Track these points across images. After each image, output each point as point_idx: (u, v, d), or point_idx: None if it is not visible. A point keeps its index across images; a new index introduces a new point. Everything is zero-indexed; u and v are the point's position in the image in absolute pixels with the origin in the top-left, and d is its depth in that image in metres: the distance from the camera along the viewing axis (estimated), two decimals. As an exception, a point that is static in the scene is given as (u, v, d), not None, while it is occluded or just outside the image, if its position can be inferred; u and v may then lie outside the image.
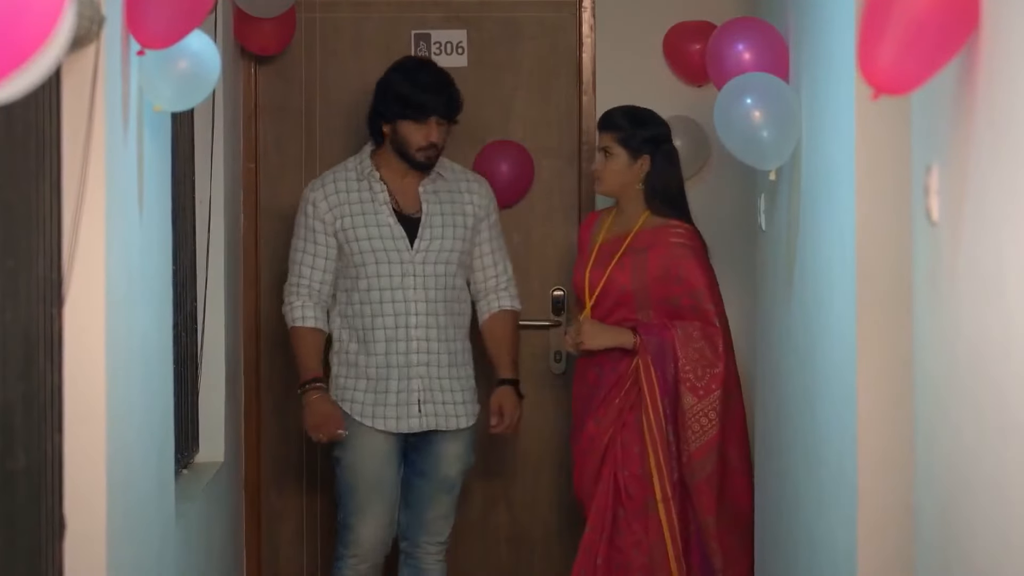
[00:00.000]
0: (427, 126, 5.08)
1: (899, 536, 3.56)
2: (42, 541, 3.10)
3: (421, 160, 5.11)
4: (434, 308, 5.12)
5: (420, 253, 5.12)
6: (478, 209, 5.23)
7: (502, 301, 5.31)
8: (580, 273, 5.18)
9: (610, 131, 5.09)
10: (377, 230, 5.11)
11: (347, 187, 5.15)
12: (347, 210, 5.12)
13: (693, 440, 5.00)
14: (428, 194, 5.17)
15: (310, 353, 5.16)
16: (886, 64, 2.59)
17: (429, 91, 5.07)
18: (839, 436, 3.88)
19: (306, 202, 5.17)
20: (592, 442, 5.06)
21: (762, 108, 4.41)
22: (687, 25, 5.62)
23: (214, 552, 5.04)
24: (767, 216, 5.12)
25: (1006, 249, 2.42)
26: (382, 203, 5.13)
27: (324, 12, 5.80)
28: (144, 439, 3.69)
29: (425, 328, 5.12)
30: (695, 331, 5.02)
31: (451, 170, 5.25)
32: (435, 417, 5.15)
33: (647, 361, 5.01)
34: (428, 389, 5.13)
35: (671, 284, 5.05)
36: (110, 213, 3.26)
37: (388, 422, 5.13)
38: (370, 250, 5.11)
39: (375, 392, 5.12)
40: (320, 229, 5.13)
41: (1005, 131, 2.41)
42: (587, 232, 5.27)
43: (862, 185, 3.66)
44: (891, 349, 3.61)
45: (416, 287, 5.11)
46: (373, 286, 5.11)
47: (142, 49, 3.42)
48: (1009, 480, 2.43)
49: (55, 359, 3.16)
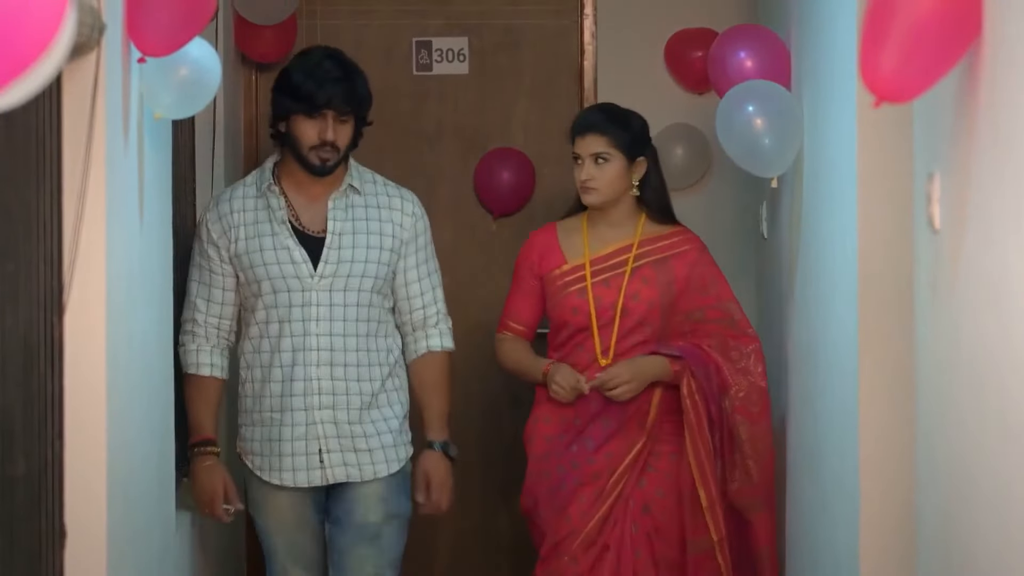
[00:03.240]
0: (320, 121, 4.33)
1: (901, 539, 3.56)
2: (42, 548, 3.09)
3: (315, 163, 4.35)
4: (341, 343, 4.36)
5: (325, 279, 4.36)
6: (402, 229, 4.46)
7: (430, 340, 4.53)
8: (572, 298, 4.55)
9: (601, 134, 4.56)
10: (274, 253, 4.36)
11: (243, 205, 4.42)
12: (241, 232, 4.39)
13: (755, 470, 4.47)
14: (337, 210, 4.40)
15: (204, 408, 4.40)
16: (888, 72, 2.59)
17: (323, 80, 4.33)
18: (841, 441, 3.88)
19: (199, 225, 4.49)
20: (600, 478, 4.46)
21: (764, 116, 4.41)
22: (689, 32, 5.62)
23: (215, 560, 5.02)
24: (769, 224, 5.12)
25: (1008, 256, 2.42)
26: (280, 221, 4.38)
27: (325, 19, 5.80)
28: (145, 446, 3.68)
29: (329, 366, 4.35)
30: (731, 349, 4.51)
31: (371, 182, 4.50)
32: (343, 467, 4.38)
33: (691, 389, 4.44)
34: (332, 436, 4.36)
35: (697, 296, 4.56)
36: (111, 220, 3.25)
37: (285, 475, 4.38)
38: (266, 277, 4.36)
39: (269, 440, 4.39)
40: (215, 256, 4.41)
41: (1007, 139, 2.41)
42: (549, 251, 4.64)
43: (864, 192, 3.66)
44: (893, 355, 3.61)
45: (319, 318, 4.35)
46: (271, 317, 4.36)
47: (143, 56, 3.42)
48: (1010, 485, 2.42)
49: (55, 365, 3.16)
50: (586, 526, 4.42)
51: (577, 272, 4.57)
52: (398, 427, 4.45)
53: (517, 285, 4.68)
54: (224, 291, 4.41)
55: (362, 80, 4.42)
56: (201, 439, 4.39)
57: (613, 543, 4.42)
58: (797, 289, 4.54)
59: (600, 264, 4.57)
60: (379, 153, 5.47)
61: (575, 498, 4.45)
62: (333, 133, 4.33)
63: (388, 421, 4.42)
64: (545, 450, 4.54)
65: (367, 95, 4.42)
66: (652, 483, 4.46)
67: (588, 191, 4.57)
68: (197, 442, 4.39)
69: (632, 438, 4.45)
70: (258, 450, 4.40)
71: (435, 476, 4.47)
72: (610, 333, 4.51)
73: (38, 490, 3.08)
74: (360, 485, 4.39)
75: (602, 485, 4.44)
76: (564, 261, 4.59)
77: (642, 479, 4.46)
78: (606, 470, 4.44)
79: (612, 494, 4.43)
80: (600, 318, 4.51)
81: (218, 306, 4.42)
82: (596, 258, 4.57)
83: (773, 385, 4.62)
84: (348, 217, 4.40)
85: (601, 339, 4.52)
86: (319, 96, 4.31)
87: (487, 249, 5.80)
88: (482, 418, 5.78)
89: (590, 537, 4.42)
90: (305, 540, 4.45)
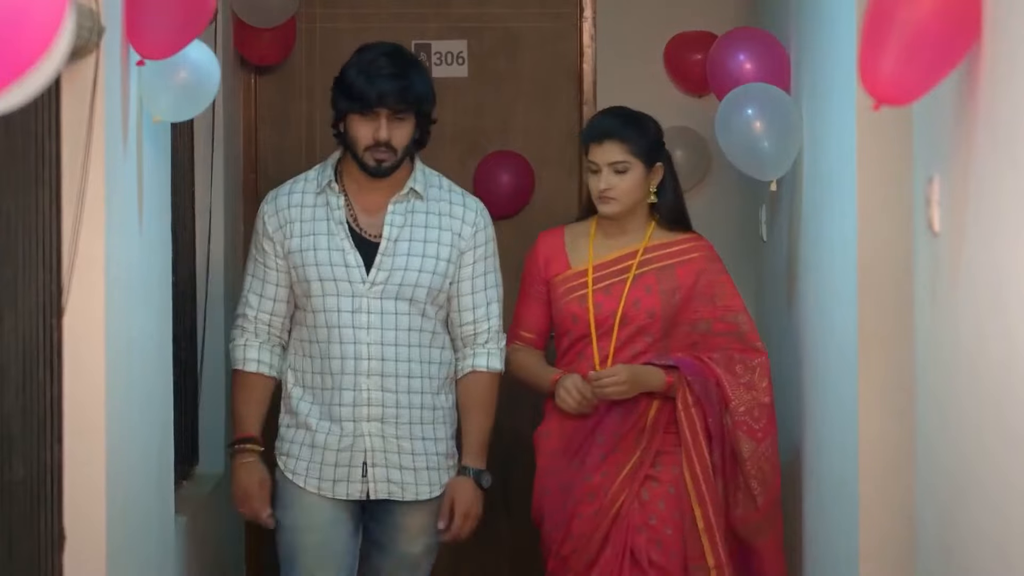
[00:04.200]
0: (374, 120, 4.15)
1: (900, 545, 3.56)
2: (41, 553, 3.09)
3: (370, 164, 4.17)
4: (393, 353, 4.18)
5: (376, 286, 4.17)
6: (460, 238, 4.26)
7: (477, 359, 4.31)
8: (573, 305, 4.37)
9: (619, 141, 4.32)
10: (328, 254, 4.19)
11: (302, 200, 4.26)
12: (297, 228, 4.22)
13: (759, 492, 4.26)
14: (395, 214, 4.22)
15: (248, 404, 4.27)
16: (887, 74, 2.59)
17: (377, 77, 4.14)
18: (841, 446, 3.88)
19: (258, 217, 4.31)
20: (596, 497, 4.29)
21: (763, 118, 4.41)
22: (688, 35, 5.62)
23: (214, 565, 5.02)
24: (768, 227, 5.11)
25: (1007, 259, 2.41)
26: (338, 221, 4.21)
27: (324, 22, 5.80)
28: (144, 450, 3.68)
29: (380, 376, 4.17)
30: (736, 363, 4.28)
31: (436, 187, 4.31)
32: (386, 484, 4.20)
33: (687, 402, 4.25)
34: (379, 450, 4.18)
35: (703, 306, 4.33)
36: (110, 224, 3.25)
37: (324, 485, 4.21)
38: (318, 278, 4.19)
39: (312, 447, 4.21)
40: (270, 250, 4.25)
41: (1006, 141, 2.41)
42: (555, 255, 4.44)
43: (863, 195, 3.66)
44: (892, 359, 3.61)
45: (371, 326, 4.17)
46: (321, 321, 4.18)
47: (142, 59, 3.42)
48: (1010, 490, 2.42)
49: (54, 370, 3.16)
50: (586, 545, 4.29)
51: (580, 278, 4.38)
52: (445, 449, 4.28)
53: (525, 291, 4.49)
54: (278, 287, 4.24)
55: (420, 77, 4.23)
56: (243, 436, 4.24)
57: (613, 563, 4.27)
58: (796, 292, 4.54)
59: (603, 270, 4.37)
60: (378, 156, 5.45)
61: (576, 515, 4.31)
62: (387, 133, 4.14)
63: (437, 442, 4.25)
64: (547, 466, 4.41)
65: (427, 92, 4.23)
66: (654, 496, 4.27)
67: (607, 201, 4.33)
68: (239, 439, 4.25)
69: (629, 453, 4.28)
70: (296, 452, 4.22)
71: (461, 505, 4.27)
72: (609, 342, 4.33)
73: (37, 494, 3.08)
74: (403, 511, 4.24)
75: (599, 504, 4.28)
76: (568, 266, 4.41)
77: (644, 490, 4.27)
78: (601, 488, 4.28)
79: (610, 512, 4.26)
80: (599, 327, 4.32)
81: (271, 302, 4.25)
82: (599, 264, 4.38)
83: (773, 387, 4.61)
84: (407, 223, 4.22)
85: (600, 348, 4.33)
86: (370, 94, 4.12)
87: (486, 252, 5.79)
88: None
89: (591, 556, 4.28)
90: (339, 542, 4.24)
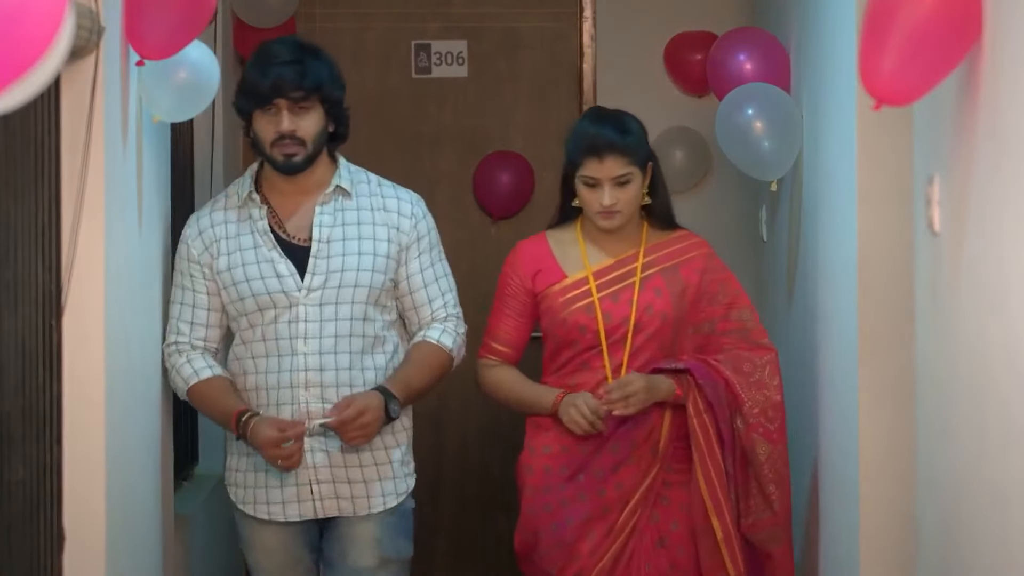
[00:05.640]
0: (274, 113, 3.86)
1: (901, 546, 3.55)
2: (41, 553, 3.09)
3: (279, 159, 3.87)
4: (332, 361, 3.88)
5: (314, 292, 3.88)
6: (399, 233, 3.97)
7: (429, 332, 4.01)
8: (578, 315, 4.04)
9: (621, 155, 3.99)
10: (257, 267, 3.90)
11: (225, 217, 3.96)
12: (224, 246, 3.93)
13: (776, 497, 4.01)
14: (324, 215, 3.93)
15: (225, 397, 3.91)
16: (888, 74, 2.59)
17: (269, 66, 3.86)
18: (841, 446, 3.87)
19: (181, 242, 4.01)
20: (610, 512, 3.99)
21: (763, 119, 4.41)
22: (688, 35, 5.61)
23: (214, 565, 5.02)
24: (768, 227, 5.11)
25: (1008, 259, 2.41)
26: (263, 232, 3.92)
27: (324, 23, 5.80)
28: (144, 450, 3.68)
29: (319, 387, 3.86)
30: (744, 362, 4.03)
31: (364, 182, 4.02)
32: (335, 500, 3.90)
33: (698, 407, 3.97)
34: (323, 466, 3.88)
35: (707, 305, 4.08)
36: (109, 224, 3.25)
37: (274, 510, 3.92)
38: (250, 293, 3.89)
39: (255, 471, 3.92)
40: (198, 275, 3.94)
41: (1007, 141, 2.41)
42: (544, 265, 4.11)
43: (864, 195, 3.66)
44: (893, 359, 3.61)
45: (308, 335, 3.87)
46: (258, 336, 3.90)
47: (141, 59, 3.42)
48: (1010, 490, 2.42)
49: (54, 370, 3.16)
50: (596, 564, 3.97)
51: (580, 287, 4.06)
52: (399, 457, 3.98)
53: (503, 303, 4.13)
54: (209, 311, 3.94)
55: (318, 61, 3.91)
56: (237, 412, 3.85)
57: None
58: (797, 292, 4.54)
59: (605, 276, 4.06)
60: (378, 156, 5.46)
61: (584, 534, 3.99)
62: (289, 123, 3.85)
63: (388, 451, 3.96)
64: (545, 482, 4.06)
65: (329, 76, 3.92)
66: (666, 516, 4.00)
67: (611, 216, 4.01)
68: (235, 420, 3.85)
69: (644, 466, 3.99)
70: (242, 481, 3.96)
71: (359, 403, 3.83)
72: (622, 351, 4.03)
73: (37, 494, 3.08)
74: (353, 523, 3.95)
75: (613, 520, 3.98)
76: (564, 275, 4.08)
77: (655, 512, 4.00)
78: (617, 502, 3.98)
79: (625, 529, 3.98)
80: (611, 335, 4.01)
81: (203, 328, 3.94)
82: (600, 270, 4.06)
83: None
84: (337, 222, 3.93)
85: (612, 358, 4.02)
86: (264, 85, 3.84)
87: (487, 252, 5.79)
88: (479, 420, 5.77)
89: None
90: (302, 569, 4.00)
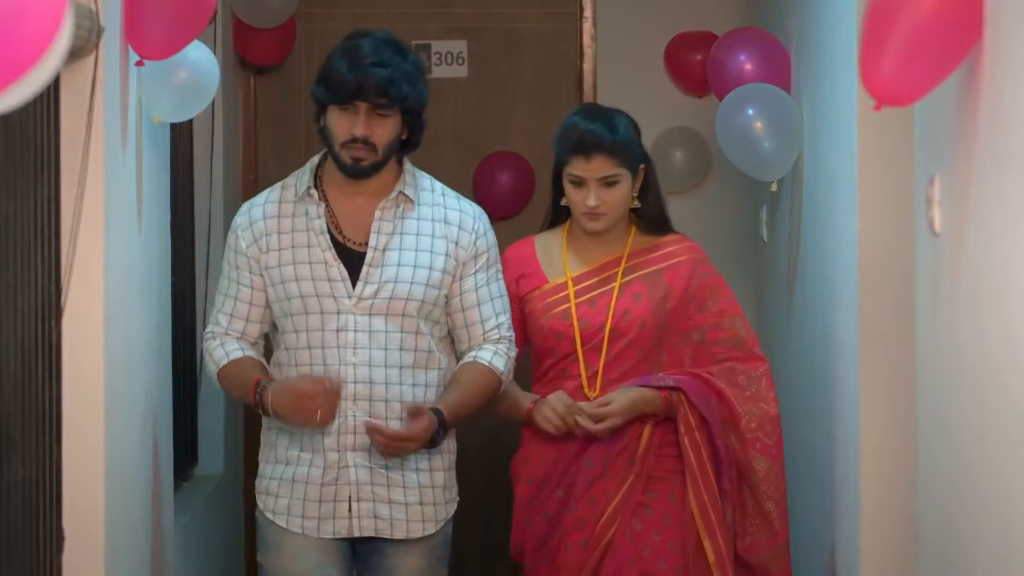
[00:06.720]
0: (352, 114, 3.65)
1: (901, 546, 3.55)
2: (41, 554, 3.09)
3: (347, 162, 3.67)
4: (382, 375, 3.67)
5: (364, 301, 3.68)
6: (458, 248, 3.75)
7: (480, 353, 3.78)
8: (555, 321, 3.92)
9: (609, 155, 3.86)
10: (309, 268, 3.70)
11: (279, 211, 3.76)
12: (275, 241, 3.73)
13: (776, 516, 3.89)
14: (383, 221, 3.72)
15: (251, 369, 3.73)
16: (888, 75, 2.59)
17: (357, 66, 3.65)
18: (841, 447, 3.87)
19: (230, 232, 3.83)
20: (585, 526, 3.87)
21: (764, 119, 4.41)
22: (688, 35, 5.61)
23: (214, 565, 5.02)
24: (769, 227, 5.11)
25: (1008, 259, 2.41)
26: (319, 231, 3.72)
27: (324, 23, 5.79)
28: (143, 451, 3.68)
29: (368, 401, 3.66)
30: (739, 374, 3.89)
31: (428, 191, 3.80)
32: (372, 520, 3.69)
33: (690, 425, 3.84)
34: (365, 483, 3.67)
35: (695, 313, 3.92)
36: (109, 225, 3.25)
37: (308, 524, 3.70)
38: (298, 294, 3.70)
39: (292, 482, 3.71)
40: (244, 268, 3.75)
41: (1007, 141, 2.40)
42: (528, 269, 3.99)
43: (864, 196, 3.66)
44: (893, 359, 3.61)
45: (357, 345, 3.67)
46: (303, 342, 3.70)
47: (141, 60, 3.42)
48: (1011, 490, 2.42)
49: (54, 371, 3.15)
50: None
51: (559, 292, 3.95)
52: (443, 481, 3.78)
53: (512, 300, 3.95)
54: (251, 306, 3.76)
55: (408, 71, 3.69)
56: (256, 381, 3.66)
57: None
58: (797, 292, 4.54)
59: (584, 282, 3.94)
60: (378, 157, 5.46)
61: (562, 548, 3.90)
62: (365, 128, 3.64)
63: (433, 473, 3.75)
64: (528, 495, 3.98)
65: (416, 89, 3.70)
66: (647, 526, 3.85)
67: (597, 218, 3.89)
68: (253, 388, 3.65)
69: (620, 478, 3.86)
70: (276, 490, 3.73)
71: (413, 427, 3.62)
72: (597, 359, 3.90)
73: (36, 495, 3.08)
74: (392, 551, 3.73)
75: (587, 534, 3.86)
76: (544, 280, 3.96)
77: (635, 522, 3.85)
78: (591, 517, 3.86)
79: (600, 542, 3.84)
80: (586, 342, 3.89)
81: (241, 322, 3.76)
82: (579, 275, 3.94)
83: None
84: (396, 230, 3.71)
85: (587, 366, 3.90)
86: (348, 85, 3.63)
87: (486, 253, 5.79)
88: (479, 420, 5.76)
89: None
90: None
